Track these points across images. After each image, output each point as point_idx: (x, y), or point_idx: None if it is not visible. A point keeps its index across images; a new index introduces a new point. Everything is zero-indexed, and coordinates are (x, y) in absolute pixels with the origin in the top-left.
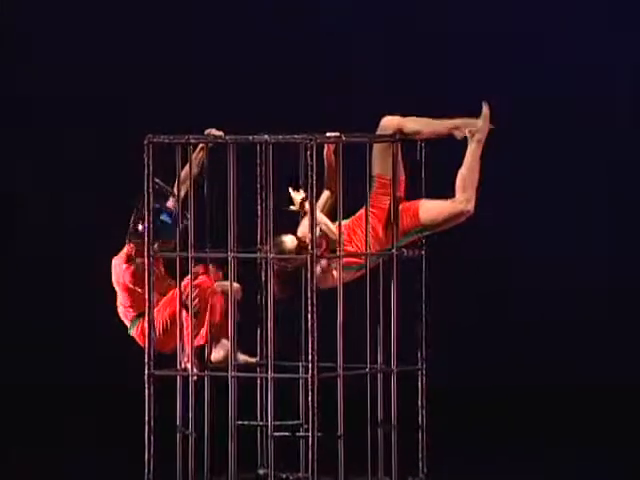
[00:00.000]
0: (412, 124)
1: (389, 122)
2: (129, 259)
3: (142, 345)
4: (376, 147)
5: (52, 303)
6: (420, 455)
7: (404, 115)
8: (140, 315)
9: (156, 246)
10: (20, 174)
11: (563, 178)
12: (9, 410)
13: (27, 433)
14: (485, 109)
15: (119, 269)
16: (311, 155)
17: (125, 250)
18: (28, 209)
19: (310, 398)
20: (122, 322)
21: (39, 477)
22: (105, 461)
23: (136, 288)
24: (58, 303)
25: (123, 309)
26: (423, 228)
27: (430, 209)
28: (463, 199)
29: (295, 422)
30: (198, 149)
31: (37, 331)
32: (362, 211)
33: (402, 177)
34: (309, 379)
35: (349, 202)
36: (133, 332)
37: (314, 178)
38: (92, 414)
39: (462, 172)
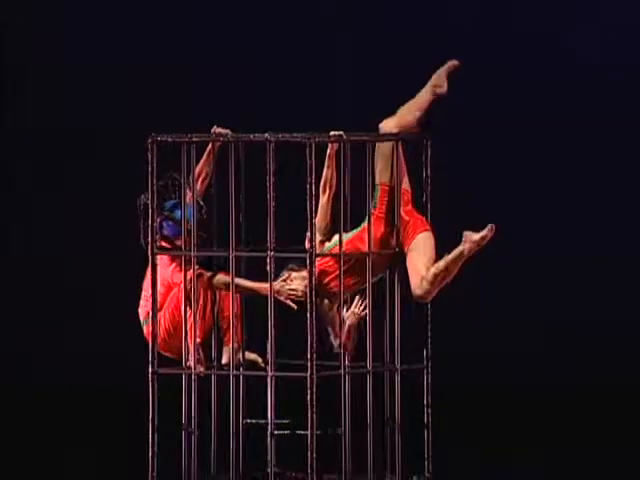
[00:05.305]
0: (406, 116)
1: (387, 126)
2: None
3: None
4: (379, 155)
5: (52, 303)
6: (425, 454)
7: (394, 112)
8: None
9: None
10: (20, 174)
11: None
12: (9, 410)
13: (27, 433)
14: (488, 231)
15: (165, 269)
16: (310, 154)
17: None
18: (27, 209)
19: (309, 397)
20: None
21: (39, 477)
22: (107, 460)
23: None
24: (58, 303)
25: (146, 303)
26: (401, 250)
27: (418, 249)
28: (426, 286)
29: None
30: (208, 148)
31: (38, 331)
32: (362, 229)
33: (407, 187)
34: (308, 377)
35: (351, 205)
36: (145, 330)
37: (313, 177)
38: (93, 414)
39: (439, 266)
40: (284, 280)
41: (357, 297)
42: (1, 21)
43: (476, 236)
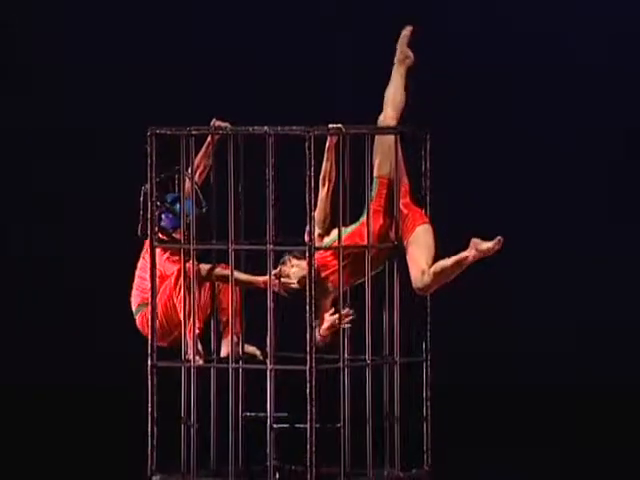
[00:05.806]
0: (396, 100)
1: (388, 116)
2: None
3: (144, 334)
4: (378, 148)
5: (52, 303)
6: (424, 447)
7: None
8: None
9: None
10: (20, 174)
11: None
12: (9, 410)
13: (27, 433)
14: (495, 244)
15: (159, 259)
16: (309, 147)
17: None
18: (27, 209)
19: (308, 390)
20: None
21: (39, 477)
22: (107, 460)
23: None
24: (58, 303)
25: (137, 293)
26: (400, 244)
27: (418, 242)
28: (427, 281)
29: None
30: (207, 141)
31: (38, 330)
32: (361, 224)
33: (405, 181)
34: (307, 370)
35: (350, 198)
36: (137, 320)
37: (312, 170)
38: (93, 414)
39: (441, 266)
40: (283, 265)
41: (347, 308)
42: (1, 21)
43: (483, 245)
